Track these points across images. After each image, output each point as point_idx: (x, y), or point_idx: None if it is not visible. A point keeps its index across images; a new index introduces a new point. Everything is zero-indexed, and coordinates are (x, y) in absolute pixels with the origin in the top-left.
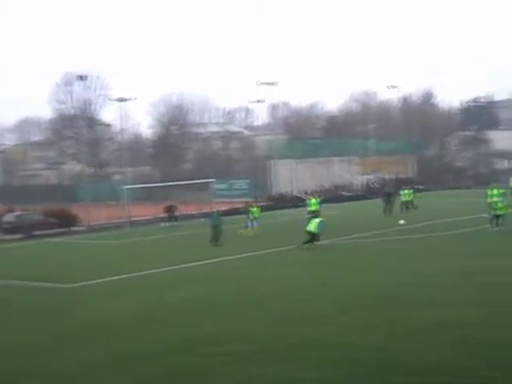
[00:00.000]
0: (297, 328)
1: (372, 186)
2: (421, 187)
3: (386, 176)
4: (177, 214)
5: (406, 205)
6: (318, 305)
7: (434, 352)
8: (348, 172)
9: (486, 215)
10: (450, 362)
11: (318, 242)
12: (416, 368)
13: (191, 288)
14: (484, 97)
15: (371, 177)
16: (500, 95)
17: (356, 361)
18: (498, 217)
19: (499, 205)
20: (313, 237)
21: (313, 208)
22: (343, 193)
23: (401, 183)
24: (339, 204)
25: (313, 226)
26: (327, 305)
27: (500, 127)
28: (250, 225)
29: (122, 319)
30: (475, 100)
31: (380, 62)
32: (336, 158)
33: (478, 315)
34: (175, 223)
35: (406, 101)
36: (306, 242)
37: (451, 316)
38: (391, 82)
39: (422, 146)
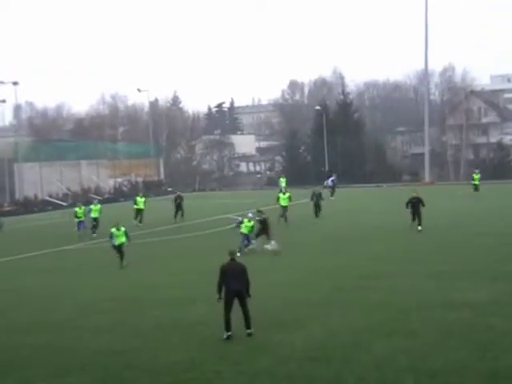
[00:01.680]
0: (32, 337)
1: (123, 188)
2: (169, 189)
3: (136, 179)
4: None
5: (94, 223)
6: (59, 311)
7: (169, 351)
8: (97, 175)
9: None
10: (185, 359)
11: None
12: (154, 368)
13: None
14: (227, 103)
15: (120, 180)
16: (241, 101)
17: (94, 365)
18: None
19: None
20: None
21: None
22: (93, 196)
23: (150, 186)
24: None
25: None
26: (69, 311)
27: (241, 132)
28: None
29: None
30: (219, 106)
31: (129, 66)
32: (84, 161)
33: (206, 314)
34: None
35: (154, 105)
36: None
37: (184, 315)
38: (140, 86)
39: (170, 149)
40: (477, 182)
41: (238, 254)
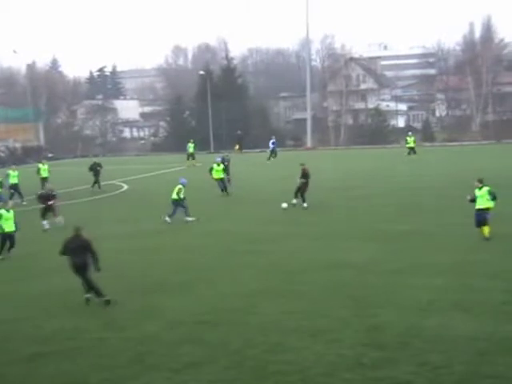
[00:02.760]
0: None
1: (0, 154)
2: (50, 155)
3: (14, 144)
4: None
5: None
6: None
7: (54, 319)
8: None
9: None
10: (69, 326)
11: None
12: (37, 337)
13: None
14: (109, 67)
15: None
16: (124, 66)
17: None
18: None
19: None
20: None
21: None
22: None
23: (30, 151)
24: None
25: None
26: None
27: (124, 97)
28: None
29: None
30: (100, 70)
31: (4, 28)
32: None
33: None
34: None
35: (32, 68)
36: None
37: (65, 283)
38: (14, 48)
39: (49, 113)
40: (412, 145)
41: (168, 219)
